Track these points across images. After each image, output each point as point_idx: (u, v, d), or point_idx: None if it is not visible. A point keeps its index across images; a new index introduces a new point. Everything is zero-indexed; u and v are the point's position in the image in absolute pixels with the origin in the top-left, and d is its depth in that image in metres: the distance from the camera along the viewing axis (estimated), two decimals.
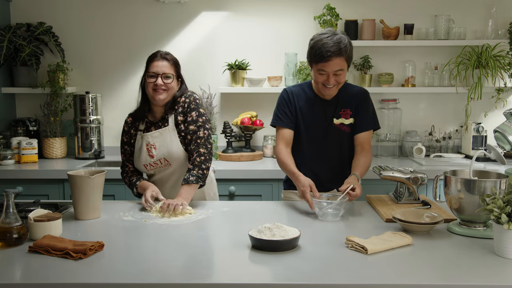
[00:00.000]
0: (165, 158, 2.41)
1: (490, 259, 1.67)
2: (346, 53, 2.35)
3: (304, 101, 2.52)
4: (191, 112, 2.40)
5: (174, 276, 1.54)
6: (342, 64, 2.36)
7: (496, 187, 1.85)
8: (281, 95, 2.56)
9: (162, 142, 2.41)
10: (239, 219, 2.19)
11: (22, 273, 1.61)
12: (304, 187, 2.24)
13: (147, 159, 2.43)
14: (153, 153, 2.41)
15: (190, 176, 2.31)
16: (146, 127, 2.48)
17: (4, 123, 3.77)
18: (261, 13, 3.85)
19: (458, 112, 3.91)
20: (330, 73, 2.36)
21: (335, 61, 2.33)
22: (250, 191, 3.30)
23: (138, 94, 2.52)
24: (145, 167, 2.45)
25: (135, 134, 2.49)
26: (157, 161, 2.42)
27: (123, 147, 2.53)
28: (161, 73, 2.38)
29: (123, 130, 2.53)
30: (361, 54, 3.83)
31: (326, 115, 2.50)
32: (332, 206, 2.13)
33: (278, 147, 2.50)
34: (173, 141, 2.41)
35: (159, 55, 2.43)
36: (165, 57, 2.42)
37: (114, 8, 3.86)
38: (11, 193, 1.79)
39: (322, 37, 2.35)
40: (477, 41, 3.67)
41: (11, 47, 3.61)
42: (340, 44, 2.32)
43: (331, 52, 2.30)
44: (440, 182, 2.07)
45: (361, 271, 1.59)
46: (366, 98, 2.55)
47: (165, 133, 2.42)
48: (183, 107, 2.42)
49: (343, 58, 2.35)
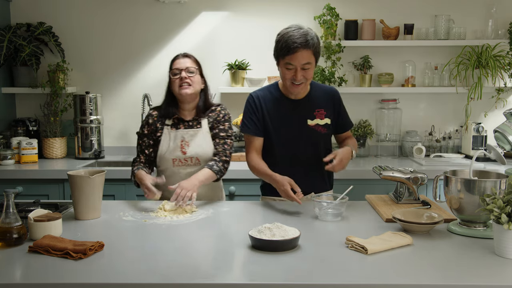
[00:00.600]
0: (197, 157, 2.49)
1: (490, 259, 1.67)
2: (314, 47, 2.29)
3: (271, 103, 2.46)
4: (224, 122, 2.56)
5: (174, 276, 1.54)
6: (310, 58, 2.29)
7: (496, 187, 1.85)
8: (247, 100, 2.50)
9: (197, 142, 2.50)
10: (239, 219, 2.19)
11: (22, 273, 1.61)
12: (284, 186, 2.23)
13: (179, 154, 2.48)
14: (186, 150, 2.48)
15: (215, 165, 2.44)
16: (174, 123, 2.53)
17: (4, 123, 3.77)
18: (261, 13, 3.85)
19: (458, 112, 3.91)
20: (297, 67, 2.30)
21: (302, 54, 2.27)
22: (250, 191, 3.30)
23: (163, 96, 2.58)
24: (173, 161, 2.49)
25: (161, 127, 2.53)
26: (187, 158, 2.49)
27: (142, 139, 2.55)
28: (184, 68, 2.47)
29: (146, 122, 2.55)
30: (361, 54, 3.83)
31: (298, 116, 2.45)
32: (332, 206, 2.13)
33: (249, 156, 2.48)
34: (207, 143, 2.51)
35: (181, 54, 2.54)
36: (186, 55, 2.54)
37: (114, 8, 3.86)
38: (11, 193, 1.79)
39: (288, 30, 2.31)
40: (477, 41, 3.67)
41: (11, 47, 3.61)
42: (307, 36, 2.27)
43: (297, 43, 2.25)
44: (440, 182, 2.07)
45: (361, 271, 1.59)
46: (340, 97, 2.56)
47: (200, 134, 2.51)
48: (218, 116, 2.56)
49: (310, 51, 2.29)
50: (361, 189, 3.12)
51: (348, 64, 3.85)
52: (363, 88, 3.78)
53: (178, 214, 2.19)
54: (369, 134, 3.80)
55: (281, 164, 2.46)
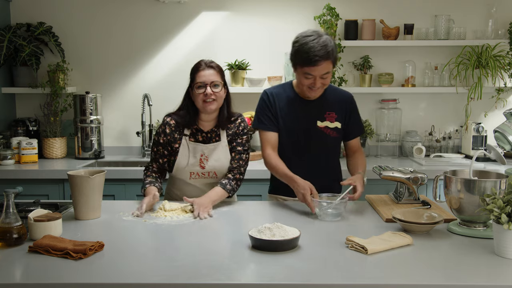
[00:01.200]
0: (215, 171, 2.43)
1: (490, 259, 1.67)
2: (333, 56, 2.31)
3: (285, 102, 2.48)
4: (243, 135, 2.48)
5: (174, 276, 1.54)
6: (329, 67, 2.32)
7: (496, 187, 1.85)
8: (261, 97, 2.52)
9: (216, 156, 2.43)
10: (239, 219, 2.19)
11: (22, 273, 1.61)
12: (304, 190, 2.22)
13: (197, 169, 2.42)
14: (204, 164, 2.42)
15: (228, 184, 2.38)
16: (192, 133, 2.45)
17: (4, 123, 3.77)
18: (261, 13, 3.85)
19: (458, 112, 3.91)
20: (317, 77, 2.31)
21: (323, 65, 2.28)
22: (250, 191, 3.30)
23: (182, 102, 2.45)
24: (190, 175, 2.43)
25: (179, 138, 2.43)
26: (205, 173, 2.43)
27: (157, 147, 2.44)
28: (209, 82, 2.34)
29: (163, 131, 2.43)
30: (361, 54, 3.83)
31: (309, 116, 2.46)
32: (332, 206, 2.12)
33: (265, 152, 2.46)
34: (226, 157, 2.44)
35: (204, 64, 2.38)
36: (211, 65, 2.38)
37: (114, 8, 3.86)
38: (11, 193, 1.79)
39: (308, 40, 2.28)
40: (477, 41, 3.67)
41: (11, 47, 3.61)
42: (327, 47, 2.27)
43: (319, 57, 2.25)
44: (440, 182, 2.07)
45: (361, 271, 1.59)
46: (354, 103, 2.55)
47: (219, 148, 2.44)
48: (238, 129, 2.47)
49: (330, 62, 2.30)
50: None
51: (348, 64, 3.85)
52: (363, 88, 3.78)
53: (178, 215, 2.19)
54: (369, 134, 3.81)
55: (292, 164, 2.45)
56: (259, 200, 3.24)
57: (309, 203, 2.19)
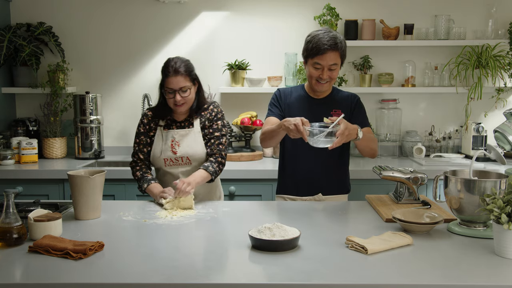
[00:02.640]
0: (188, 157, 2.51)
1: (490, 259, 1.67)
2: (341, 49, 2.43)
3: (294, 98, 2.58)
4: (217, 121, 2.57)
5: (174, 276, 1.54)
6: (337, 59, 2.43)
7: (496, 187, 1.85)
8: (274, 93, 2.65)
9: (187, 142, 2.51)
10: (239, 219, 2.19)
11: (22, 273, 1.61)
12: (295, 120, 2.22)
13: (169, 154, 2.51)
14: (176, 149, 2.50)
15: (210, 166, 2.46)
16: (167, 123, 2.56)
17: (4, 123, 3.77)
18: (261, 13, 3.85)
19: (458, 112, 3.91)
20: (325, 67, 2.42)
21: (331, 55, 2.40)
22: (250, 191, 3.30)
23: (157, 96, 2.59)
24: (164, 161, 2.51)
25: (155, 128, 2.56)
26: (178, 158, 2.51)
27: (139, 137, 2.58)
28: (178, 89, 2.45)
29: (141, 122, 2.59)
30: (361, 54, 3.83)
31: (317, 113, 2.51)
32: (324, 134, 2.18)
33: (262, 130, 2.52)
34: (198, 143, 2.52)
35: (172, 70, 2.44)
36: (178, 70, 2.45)
37: (114, 8, 3.86)
38: (11, 193, 1.79)
39: (319, 32, 2.44)
40: (477, 41, 3.67)
41: (11, 47, 3.61)
42: (336, 39, 2.41)
43: (327, 46, 2.38)
44: (440, 182, 2.07)
45: (361, 271, 1.59)
46: (360, 102, 2.60)
47: (191, 134, 2.53)
48: (210, 115, 2.57)
49: (338, 53, 2.42)
50: (361, 189, 3.13)
51: (348, 64, 3.84)
52: (363, 88, 3.78)
53: (178, 211, 2.21)
54: None
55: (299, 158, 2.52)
56: (259, 200, 3.25)
57: (301, 132, 2.20)
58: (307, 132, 2.20)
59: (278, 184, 2.66)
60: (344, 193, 2.61)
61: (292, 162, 2.56)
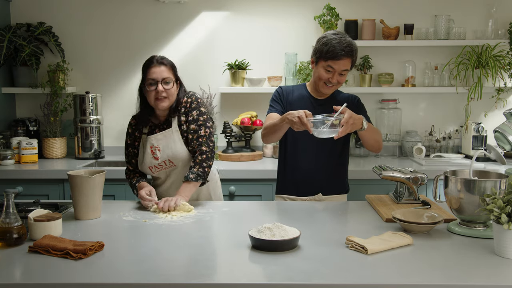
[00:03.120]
0: (170, 159, 2.43)
1: (490, 259, 1.67)
2: (355, 56, 2.46)
3: (296, 97, 2.58)
4: (192, 111, 2.42)
5: (174, 276, 1.54)
6: (349, 65, 2.46)
7: (496, 187, 1.85)
8: (275, 91, 2.65)
9: (166, 144, 2.43)
10: (239, 219, 2.19)
11: (22, 273, 1.61)
12: (299, 113, 2.21)
13: (152, 161, 2.44)
14: (157, 155, 2.42)
15: (190, 174, 2.34)
16: (150, 129, 2.50)
17: (4, 123, 3.77)
18: (261, 13, 3.85)
19: (458, 112, 3.91)
20: (336, 72, 2.43)
21: (345, 61, 2.42)
22: (250, 191, 3.30)
23: (136, 100, 2.52)
24: (150, 169, 2.46)
25: (139, 136, 2.51)
26: (161, 163, 2.44)
27: (127, 149, 2.53)
28: (161, 79, 2.36)
29: (127, 132, 2.53)
30: (361, 54, 3.83)
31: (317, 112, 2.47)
32: (328, 125, 2.18)
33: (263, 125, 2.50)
34: (176, 143, 2.42)
35: (155, 60, 2.39)
36: (162, 61, 2.39)
37: (114, 8, 3.86)
38: (11, 193, 1.79)
39: (336, 36, 2.43)
40: (477, 41, 3.67)
41: (11, 47, 3.61)
42: (352, 46, 2.43)
43: (344, 52, 2.39)
44: (440, 182, 2.07)
45: (361, 271, 1.59)
46: (359, 101, 2.60)
47: (169, 135, 2.43)
48: (185, 107, 2.44)
49: (351, 60, 2.45)
50: (361, 189, 3.13)
51: None
52: (363, 88, 3.78)
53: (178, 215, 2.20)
54: None
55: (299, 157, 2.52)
56: (259, 200, 3.25)
57: (305, 124, 2.19)
58: (310, 124, 2.19)
59: (278, 184, 2.66)
60: (344, 193, 2.62)
61: (292, 162, 2.56)
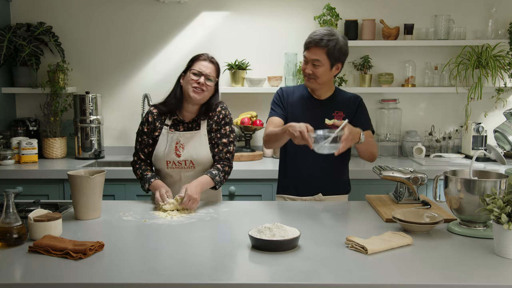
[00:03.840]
0: (192, 160, 2.44)
1: (490, 259, 1.67)
2: (328, 47, 2.40)
3: (296, 98, 2.57)
4: (225, 125, 2.49)
5: (174, 276, 1.54)
6: (320, 56, 2.41)
7: (496, 187, 1.85)
8: (276, 92, 2.64)
9: (193, 145, 2.44)
10: (239, 219, 2.19)
11: (22, 273, 1.61)
12: (300, 128, 2.21)
13: (173, 157, 2.44)
14: (180, 152, 2.43)
15: (216, 176, 2.39)
16: (174, 123, 2.49)
17: (4, 123, 3.77)
18: (261, 13, 3.85)
19: (458, 112, 3.91)
20: (309, 62, 2.44)
21: (315, 50, 2.41)
22: (250, 191, 3.30)
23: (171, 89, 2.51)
24: (166, 164, 2.45)
25: (160, 127, 2.48)
26: (181, 161, 2.44)
27: (141, 137, 2.51)
28: (205, 73, 2.40)
29: (146, 120, 2.50)
30: (361, 54, 3.83)
31: (318, 114, 2.51)
32: (329, 140, 2.16)
33: (265, 130, 2.51)
34: (203, 146, 2.45)
35: (206, 56, 2.45)
36: (212, 60, 2.45)
37: (114, 8, 3.86)
38: (11, 193, 1.79)
39: (317, 29, 2.47)
40: (477, 41, 3.67)
41: (11, 47, 3.61)
42: (324, 36, 2.40)
43: (314, 42, 2.41)
44: (440, 182, 2.07)
45: (361, 271, 1.59)
46: (362, 104, 2.58)
47: (197, 137, 2.45)
48: (218, 117, 2.49)
49: (321, 50, 2.40)
50: (361, 189, 3.13)
51: (348, 64, 3.84)
52: (363, 88, 3.78)
53: (179, 215, 2.20)
54: None
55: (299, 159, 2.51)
56: (259, 200, 3.25)
57: (307, 139, 2.19)
58: (312, 139, 2.19)
59: (279, 184, 2.66)
60: (344, 193, 2.62)
61: (292, 162, 2.56)
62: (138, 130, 2.54)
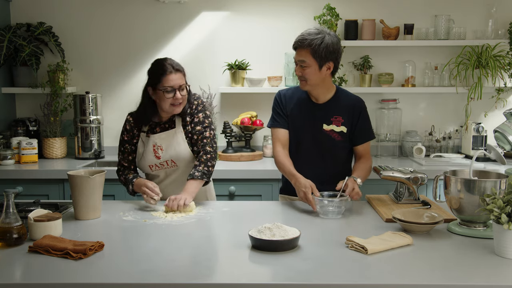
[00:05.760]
0: (172, 159, 2.44)
1: (490, 259, 1.67)
2: (312, 47, 2.33)
3: (295, 102, 2.53)
4: (198, 113, 2.45)
5: (174, 276, 1.54)
6: (305, 56, 2.36)
7: (496, 187, 1.85)
8: (275, 97, 2.59)
9: (170, 144, 2.43)
10: (239, 219, 2.19)
11: (22, 273, 1.61)
12: (305, 188, 2.24)
13: (153, 160, 2.44)
14: (159, 154, 2.43)
15: (196, 172, 2.35)
16: (151, 128, 2.49)
17: (4, 123, 3.77)
18: (261, 13, 3.85)
19: (458, 112, 3.91)
20: (297, 63, 2.41)
21: (300, 52, 2.38)
22: (250, 191, 3.30)
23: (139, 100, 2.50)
24: (150, 168, 2.46)
25: (138, 134, 2.49)
26: (163, 162, 2.44)
27: (123, 145, 2.51)
28: (178, 87, 2.35)
29: (125, 129, 2.51)
30: (361, 54, 3.83)
31: (316, 119, 2.49)
32: (333, 204, 2.13)
33: (275, 149, 2.51)
34: (180, 143, 2.43)
35: (171, 67, 2.35)
36: (178, 68, 2.37)
37: (114, 8, 3.86)
38: (11, 193, 1.79)
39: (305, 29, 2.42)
40: (477, 41, 3.67)
41: (11, 47, 3.61)
42: (307, 36, 2.35)
43: (297, 42, 2.39)
44: (440, 182, 2.07)
45: (361, 271, 1.59)
46: (364, 109, 2.53)
47: (172, 135, 2.44)
48: (190, 108, 2.46)
49: (306, 51, 2.35)
50: (361, 189, 3.12)
51: (348, 64, 3.84)
52: (363, 88, 3.78)
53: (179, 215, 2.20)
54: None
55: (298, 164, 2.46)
56: (259, 200, 3.25)
57: (310, 201, 2.21)
58: (316, 201, 2.18)
59: (282, 184, 2.65)
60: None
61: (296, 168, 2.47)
62: (119, 141, 2.53)
